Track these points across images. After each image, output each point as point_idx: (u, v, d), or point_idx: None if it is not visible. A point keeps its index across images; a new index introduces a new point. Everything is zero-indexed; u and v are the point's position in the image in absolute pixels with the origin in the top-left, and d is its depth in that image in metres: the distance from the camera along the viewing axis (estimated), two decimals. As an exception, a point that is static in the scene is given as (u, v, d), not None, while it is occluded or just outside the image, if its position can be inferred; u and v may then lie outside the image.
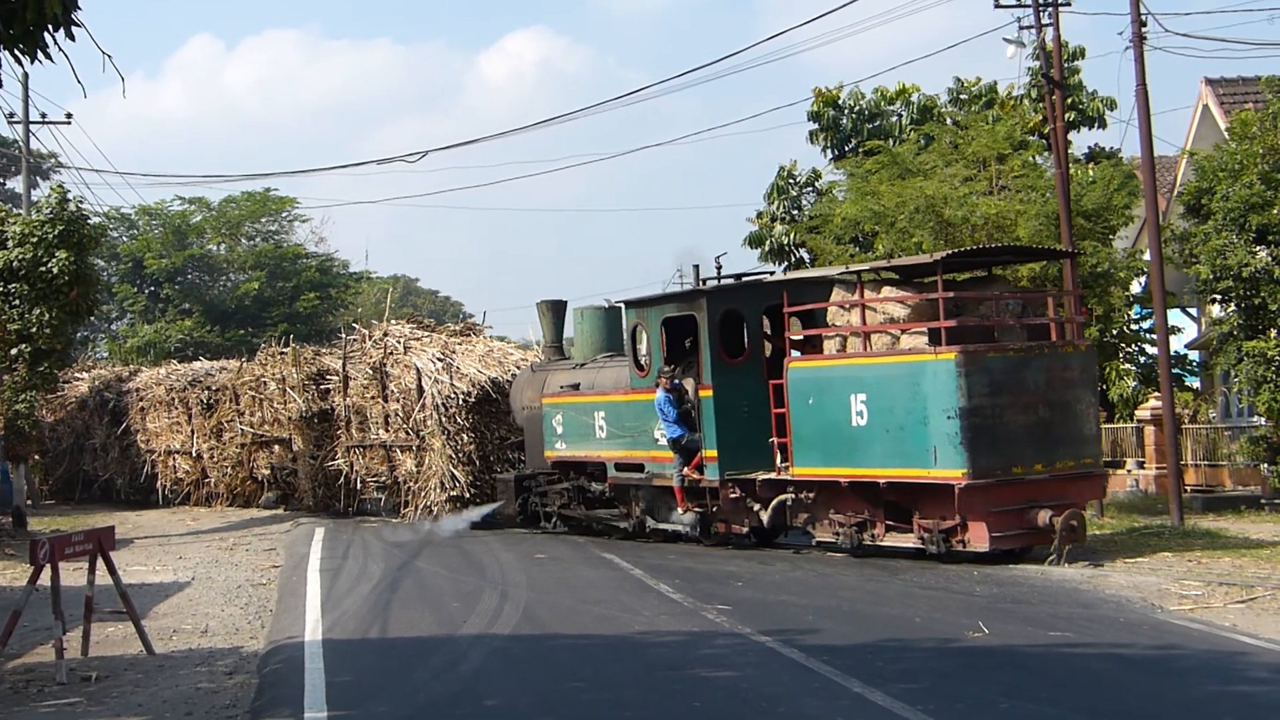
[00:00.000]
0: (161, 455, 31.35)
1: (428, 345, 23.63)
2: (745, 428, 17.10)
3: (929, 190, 24.71)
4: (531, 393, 21.09)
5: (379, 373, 24.03)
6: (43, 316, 23.16)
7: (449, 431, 22.22)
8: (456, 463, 22.18)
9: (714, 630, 11.67)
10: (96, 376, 34.75)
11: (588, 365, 20.15)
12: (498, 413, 22.71)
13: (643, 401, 18.16)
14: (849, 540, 15.98)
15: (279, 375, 27.18)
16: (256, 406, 28.13)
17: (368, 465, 24.68)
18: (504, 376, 22.75)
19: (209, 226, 48.06)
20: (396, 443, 23.68)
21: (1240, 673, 9.67)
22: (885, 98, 33.65)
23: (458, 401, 22.26)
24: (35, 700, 10.14)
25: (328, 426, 26.01)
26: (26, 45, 8.13)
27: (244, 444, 28.52)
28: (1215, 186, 21.63)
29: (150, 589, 16.13)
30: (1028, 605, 12.43)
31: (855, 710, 8.60)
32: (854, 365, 15.73)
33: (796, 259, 33.99)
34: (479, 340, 24.73)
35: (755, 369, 17.60)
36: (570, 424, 19.83)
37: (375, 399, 24.25)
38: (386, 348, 24.16)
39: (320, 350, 28.29)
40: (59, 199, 23.84)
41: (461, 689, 9.74)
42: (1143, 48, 23.21)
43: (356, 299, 56.71)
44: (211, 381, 30.12)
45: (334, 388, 25.66)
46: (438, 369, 22.72)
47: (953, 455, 14.54)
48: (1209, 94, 29.52)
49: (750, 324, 18.01)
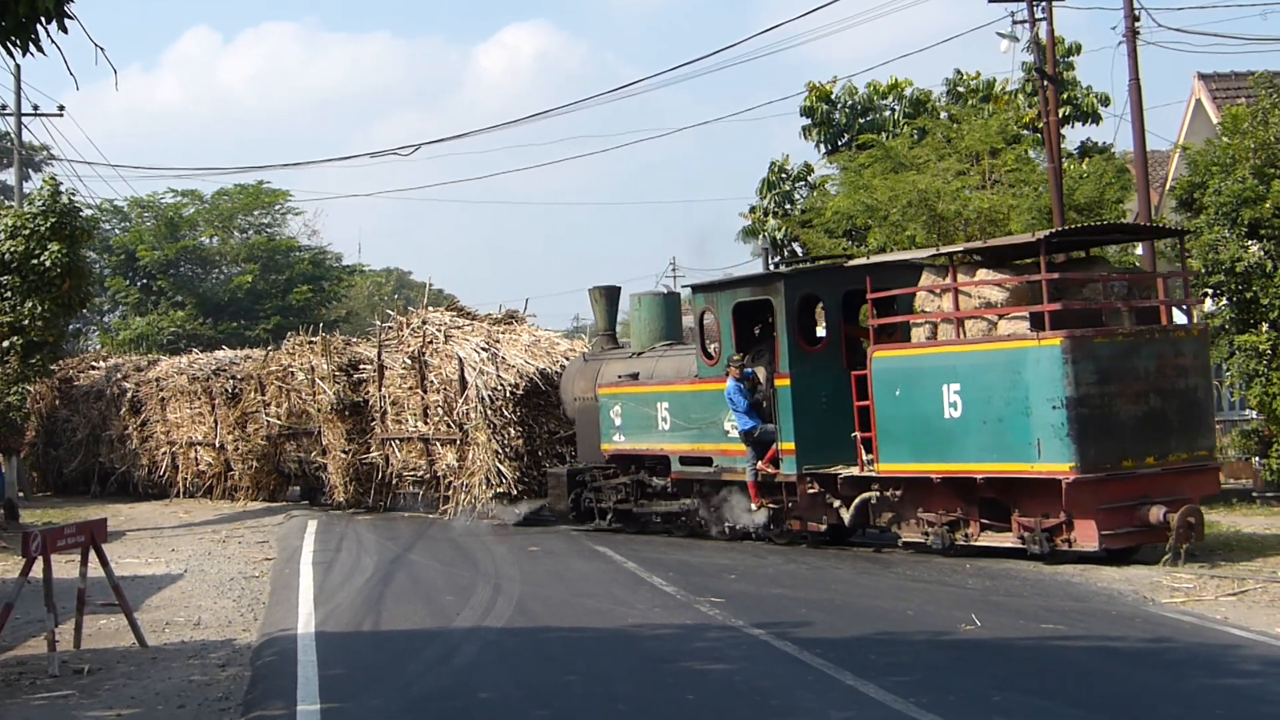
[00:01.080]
0: (183, 447, 30.39)
1: (470, 334, 22.57)
2: (823, 420, 16.13)
3: (921, 184, 24.75)
4: (584, 383, 20.11)
5: (418, 362, 23.01)
6: (35, 309, 23.12)
7: (495, 425, 21.16)
8: (503, 457, 21.10)
9: (707, 623, 11.68)
10: (114, 366, 33.74)
11: (645, 354, 19.16)
12: (546, 405, 21.63)
13: (710, 391, 17.25)
14: (939, 540, 14.94)
15: (307, 365, 26.02)
16: (283, 397, 26.98)
17: (405, 459, 23.66)
18: (552, 367, 21.71)
19: (201, 219, 48.01)
20: (436, 436, 22.68)
21: (1232, 665, 9.69)
22: (877, 92, 33.68)
23: (504, 393, 21.17)
24: (28, 693, 10.14)
25: (360, 418, 24.87)
26: (18, 37, 8.11)
27: (270, 436, 27.52)
28: (1207, 181, 21.64)
29: (143, 581, 16.12)
30: (1020, 598, 12.46)
31: (848, 703, 8.62)
32: (947, 353, 14.73)
33: (789, 253, 34.03)
34: (523, 329, 23.56)
35: (834, 357, 16.60)
36: (630, 415, 18.74)
37: (413, 390, 23.24)
38: (425, 336, 23.11)
39: (352, 339, 27.24)
40: (51, 191, 23.80)
41: (454, 681, 9.74)
42: (1136, 43, 23.29)
43: (349, 292, 56.70)
44: (236, 371, 28.98)
45: (368, 378, 24.55)
46: (482, 359, 21.67)
47: (1058, 448, 13.62)
48: (1201, 89, 29.57)
49: (829, 310, 16.99)
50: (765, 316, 17.34)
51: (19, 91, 33.07)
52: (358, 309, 60.11)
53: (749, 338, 17.53)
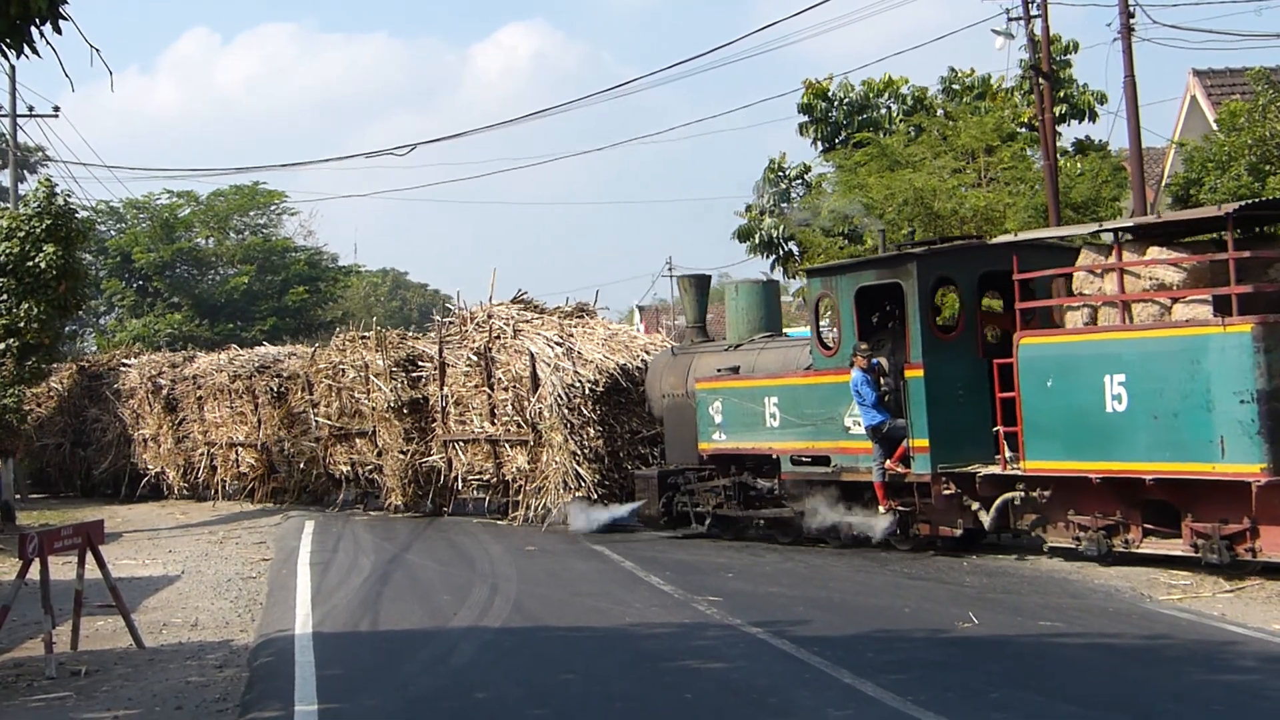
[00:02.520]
0: (222, 448, 29.00)
1: (542, 328, 21.36)
2: (959, 413, 14.87)
3: (917, 182, 24.78)
4: (674, 378, 18.88)
5: (484, 359, 21.70)
6: (30, 311, 23.07)
7: (572, 424, 19.83)
8: (581, 459, 19.73)
9: (705, 622, 11.68)
10: (148, 363, 32.15)
11: (744, 346, 17.95)
12: (627, 403, 20.40)
13: (828, 384, 15.92)
14: (1095, 546, 13.66)
15: (360, 361, 24.57)
16: (334, 396, 25.49)
17: (469, 461, 22.31)
18: (632, 362, 20.55)
19: (197, 220, 47.98)
20: (505, 436, 21.35)
21: (1228, 661, 9.70)
22: (873, 90, 33.71)
23: (582, 390, 19.89)
24: (25, 695, 10.13)
25: (419, 418, 23.47)
26: (12, 39, 8.10)
27: (319, 437, 25.98)
28: (1203, 178, 21.70)
29: (140, 583, 16.11)
30: (1017, 595, 12.46)
31: (845, 700, 8.62)
32: (1110, 340, 13.31)
33: (785, 252, 34.07)
34: (597, 322, 22.40)
35: (969, 345, 15.31)
36: (732, 412, 17.35)
37: (479, 388, 21.92)
38: (492, 331, 21.82)
39: (408, 334, 25.89)
40: (46, 193, 23.75)
41: (452, 681, 9.74)
42: (1131, 39, 23.31)
43: (345, 293, 56.69)
44: (281, 368, 27.52)
45: (428, 376, 23.26)
46: (557, 354, 20.39)
47: (1246, 447, 12.19)
48: (1197, 85, 29.60)
49: (965, 293, 15.61)
50: (890, 301, 16.21)
51: (14, 93, 33.14)
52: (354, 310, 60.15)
53: (868, 325, 16.20)
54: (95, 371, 33.42)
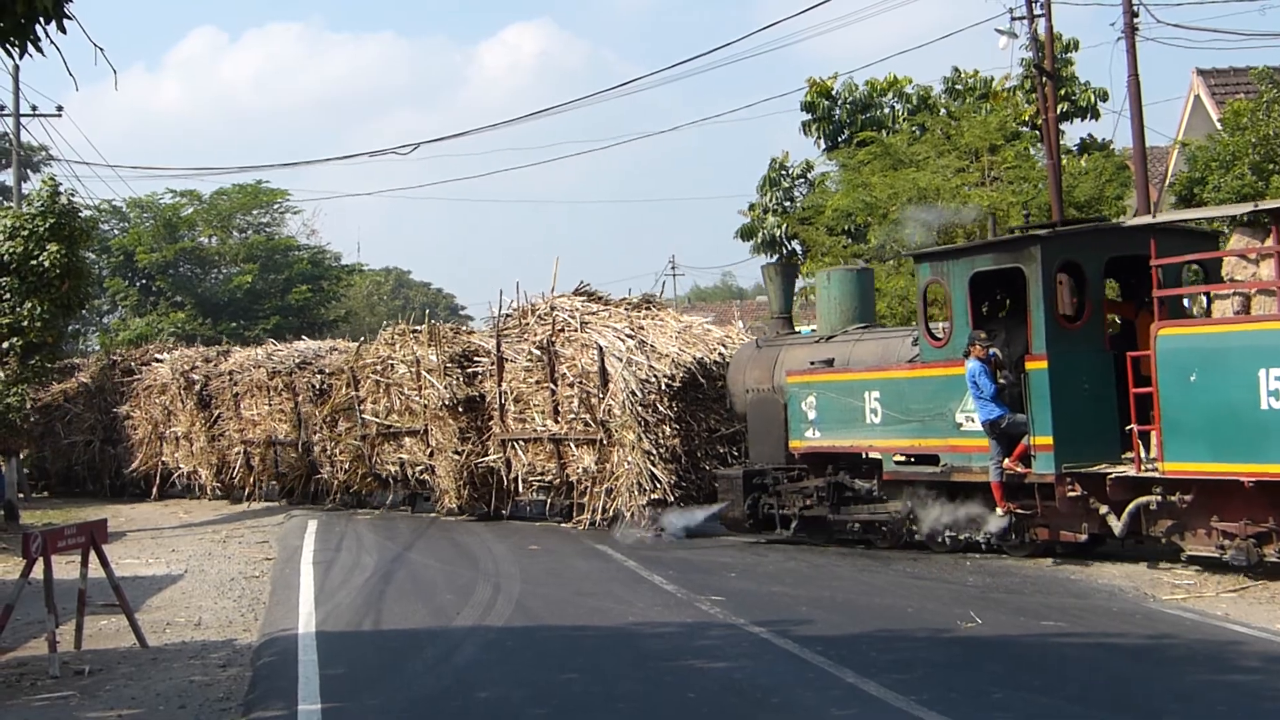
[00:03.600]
0: (259, 447, 27.95)
1: (609, 320, 20.27)
2: (1084, 409, 13.87)
3: (921, 182, 24.79)
4: (759, 372, 17.65)
5: (546, 353, 20.58)
6: (34, 310, 23.11)
7: (646, 422, 18.64)
8: (656, 459, 18.52)
9: (707, 621, 11.68)
10: (181, 357, 31.03)
11: (837, 338, 16.89)
12: (705, 399, 19.24)
13: (937, 377, 14.86)
14: (1242, 556, 12.47)
15: (411, 356, 23.47)
16: (381, 393, 24.44)
17: (530, 461, 21.16)
18: (708, 356, 19.46)
19: (200, 219, 48.03)
20: (570, 435, 20.23)
21: (1232, 661, 9.69)
22: (876, 89, 33.72)
23: (657, 386, 18.73)
24: (28, 694, 10.13)
25: (475, 416, 22.33)
26: (17, 38, 8.10)
27: (366, 436, 24.85)
28: (1207, 177, 21.69)
29: (143, 582, 16.12)
30: (1020, 595, 12.46)
31: (848, 700, 8.61)
32: (1266, 331, 12.20)
33: (789, 251, 34.07)
34: (668, 314, 21.27)
35: (1095, 336, 14.30)
36: (827, 408, 16.23)
37: (541, 384, 20.80)
38: (555, 324, 20.72)
39: (462, 327, 24.59)
40: (50, 192, 23.78)
41: (454, 681, 9.74)
42: (1134, 38, 23.33)
43: (348, 291, 56.76)
44: (323, 364, 26.49)
45: (485, 371, 22.11)
46: (629, 347, 19.22)
47: None
48: (1200, 84, 29.58)
49: (1091, 279, 14.44)
50: (1007, 288, 15.30)
51: (17, 92, 33.12)
52: (356, 309, 60.19)
53: (978, 314, 15.09)
54: (126, 366, 32.42)
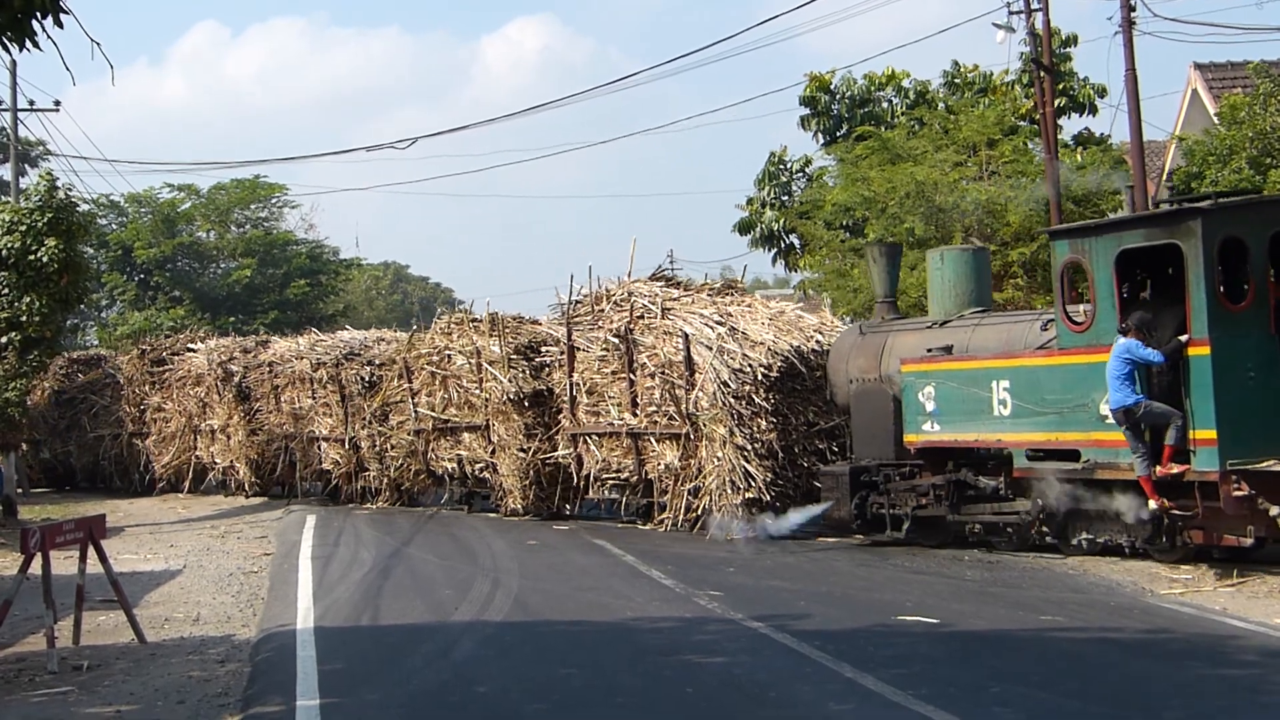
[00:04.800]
0: (302, 442, 26.59)
1: (692, 306, 19.16)
2: (1250, 399, 12.76)
3: (919, 176, 24.77)
4: (864, 361, 16.61)
5: (625, 342, 19.23)
6: (32, 305, 23.08)
7: (741, 415, 17.37)
8: (750, 455, 17.22)
9: (706, 616, 11.69)
10: (218, 348, 29.58)
11: (952, 323, 15.82)
12: (803, 391, 17.92)
13: (1078, 365, 13.70)
14: None
15: (470, 347, 22.20)
16: (438, 385, 23.09)
17: (605, 458, 19.86)
18: (805, 344, 18.20)
19: (198, 214, 47.98)
20: (651, 430, 18.88)
21: (1230, 656, 9.71)
22: (875, 83, 33.70)
23: (753, 376, 17.46)
24: (26, 689, 10.13)
25: (541, 411, 21.14)
26: (13, 33, 8.10)
27: (420, 431, 23.60)
28: (1205, 171, 21.69)
29: (141, 577, 16.12)
30: (1018, 589, 12.47)
31: (847, 695, 8.62)
32: None
33: (787, 245, 34.06)
34: (756, 300, 19.87)
35: (1260, 319, 13.11)
36: (949, 399, 15.04)
37: (617, 375, 19.49)
38: (633, 310, 19.55)
39: (525, 316, 23.39)
40: (48, 187, 23.75)
41: (453, 676, 9.74)
42: (1132, 32, 23.31)
43: (347, 286, 56.74)
44: (373, 355, 25.33)
45: (554, 362, 20.92)
46: (719, 335, 18.03)
47: None
48: (1198, 79, 29.57)
49: (1255, 256, 13.25)
50: (1152, 268, 14.12)
51: (14, 87, 33.10)
52: (355, 303, 60.19)
53: (1122, 296, 13.87)
54: (158, 356, 31.07)
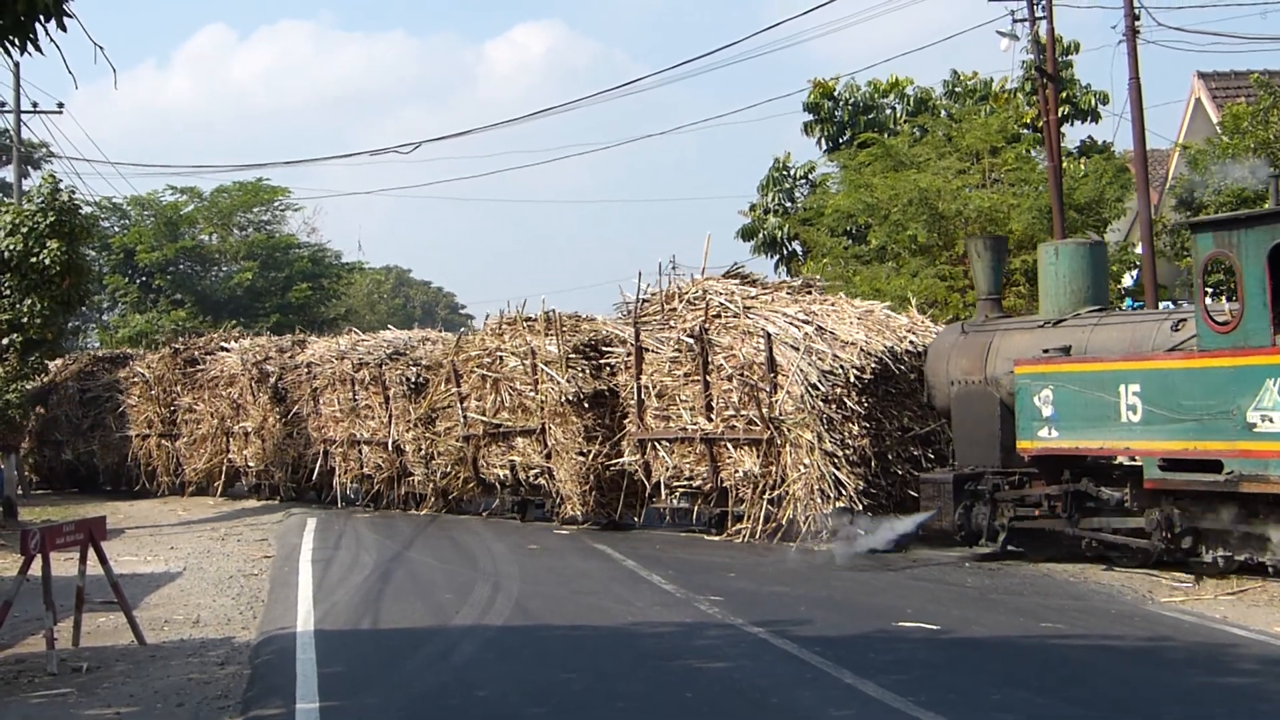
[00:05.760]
0: (342, 446, 25.59)
1: (777, 305, 18.21)
2: None
3: (922, 183, 24.79)
4: (967, 362, 15.76)
5: (700, 342, 18.25)
6: (34, 307, 23.10)
7: (831, 420, 16.49)
8: (841, 462, 16.30)
9: (706, 621, 11.68)
10: (252, 347, 28.76)
11: (1067, 322, 14.91)
12: (897, 394, 17.14)
13: (1222, 369, 12.84)
14: None
15: (524, 348, 21.25)
16: (488, 388, 22.05)
17: (676, 465, 18.83)
18: (898, 345, 17.37)
19: (201, 216, 48.02)
20: (727, 435, 17.93)
21: (1230, 664, 9.70)
22: (878, 90, 33.73)
23: (844, 378, 16.64)
24: (26, 691, 10.13)
25: (602, 414, 20.18)
26: (17, 36, 8.10)
27: (469, 435, 22.53)
28: (1207, 180, 21.70)
29: (141, 579, 16.11)
30: (1019, 596, 12.46)
31: (847, 701, 8.61)
32: None
33: (789, 251, 34.09)
34: (839, 300, 19.08)
35: None
36: (1068, 403, 14.10)
37: (690, 377, 18.51)
38: (709, 309, 18.65)
39: (584, 315, 22.40)
40: (50, 189, 23.78)
41: (453, 679, 9.73)
42: (1135, 41, 23.33)
43: (349, 289, 56.78)
44: (419, 356, 24.42)
45: (619, 363, 19.92)
46: (806, 335, 17.16)
47: None
48: (1201, 88, 29.62)
49: None
50: None
51: (18, 89, 33.16)
52: (357, 307, 60.21)
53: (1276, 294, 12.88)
54: (189, 356, 30.15)
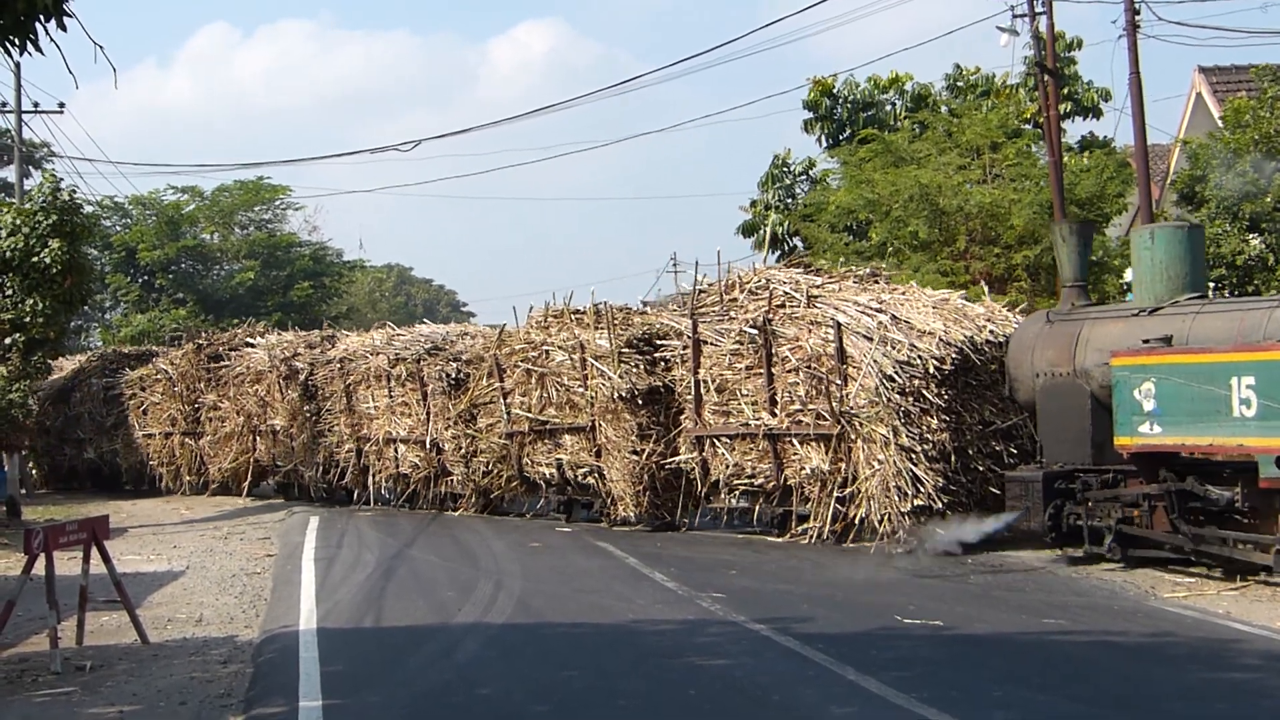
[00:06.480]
0: (377, 444, 24.93)
1: (847, 293, 17.58)
2: None
3: (923, 179, 24.77)
4: (1054, 353, 15.02)
5: (763, 333, 17.47)
6: (36, 306, 23.13)
7: (909, 413, 15.72)
8: (919, 457, 15.53)
9: (708, 618, 11.68)
10: (280, 343, 28.11)
11: (1165, 310, 14.13)
12: (977, 386, 16.43)
13: None
14: None
15: (572, 342, 20.56)
16: (533, 383, 21.35)
17: (738, 462, 18.04)
18: (978, 334, 16.65)
19: (202, 215, 48.05)
20: (793, 431, 17.08)
21: (1233, 660, 9.70)
22: (878, 86, 33.71)
23: (923, 370, 15.90)
24: (30, 690, 10.14)
25: (656, 410, 19.36)
26: (17, 36, 8.11)
27: (513, 433, 21.89)
28: (1209, 175, 21.69)
29: (144, 578, 16.12)
30: (1022, 593, 12.46)
31: (849, 698, 8.61)
32: None
33: (790, 248, 34.07)
34: (913, 288, 18.36)
35: None
36: (1172, 397, 13.20)
37: (752, 371, 17.77)
38: (772, 299, 17.95)
39: (634, 308, 21.67)
40: (52, 188, 23.80)
41: (455, 677, 9.74)
42: (1136, 36, 23.31)
43: (350, 288, 56.82)
44: (459, 351, 23.71)
45: (675, 357, 19.14)
46: (881, 324, 16.43)
47: None
48: (1202, 82, 29.57)
49: None
50: None
51: (19, 89, 33.16)
52: (358, 305, 60.26)
53: None
54: (214, 352, 29.51)
